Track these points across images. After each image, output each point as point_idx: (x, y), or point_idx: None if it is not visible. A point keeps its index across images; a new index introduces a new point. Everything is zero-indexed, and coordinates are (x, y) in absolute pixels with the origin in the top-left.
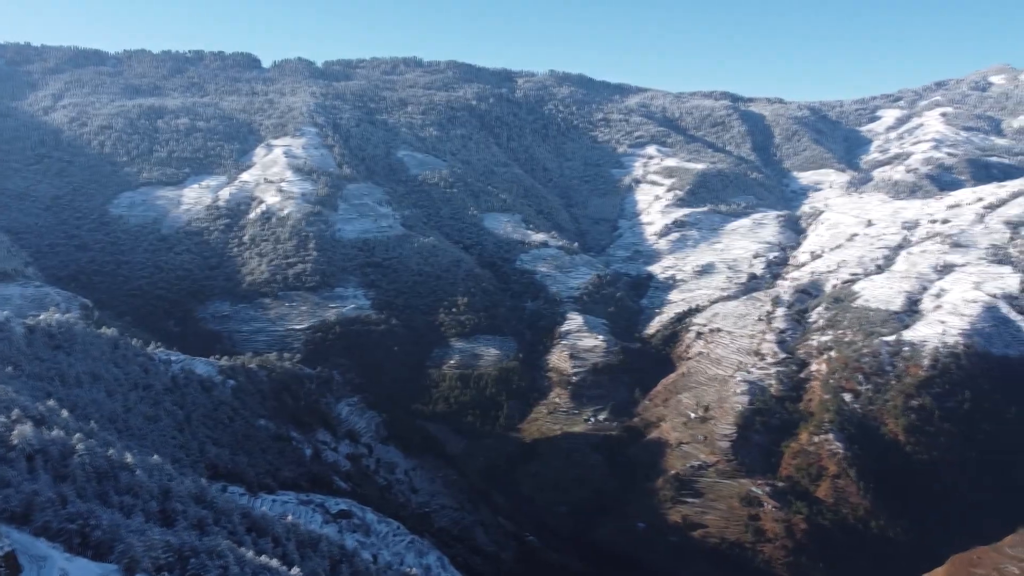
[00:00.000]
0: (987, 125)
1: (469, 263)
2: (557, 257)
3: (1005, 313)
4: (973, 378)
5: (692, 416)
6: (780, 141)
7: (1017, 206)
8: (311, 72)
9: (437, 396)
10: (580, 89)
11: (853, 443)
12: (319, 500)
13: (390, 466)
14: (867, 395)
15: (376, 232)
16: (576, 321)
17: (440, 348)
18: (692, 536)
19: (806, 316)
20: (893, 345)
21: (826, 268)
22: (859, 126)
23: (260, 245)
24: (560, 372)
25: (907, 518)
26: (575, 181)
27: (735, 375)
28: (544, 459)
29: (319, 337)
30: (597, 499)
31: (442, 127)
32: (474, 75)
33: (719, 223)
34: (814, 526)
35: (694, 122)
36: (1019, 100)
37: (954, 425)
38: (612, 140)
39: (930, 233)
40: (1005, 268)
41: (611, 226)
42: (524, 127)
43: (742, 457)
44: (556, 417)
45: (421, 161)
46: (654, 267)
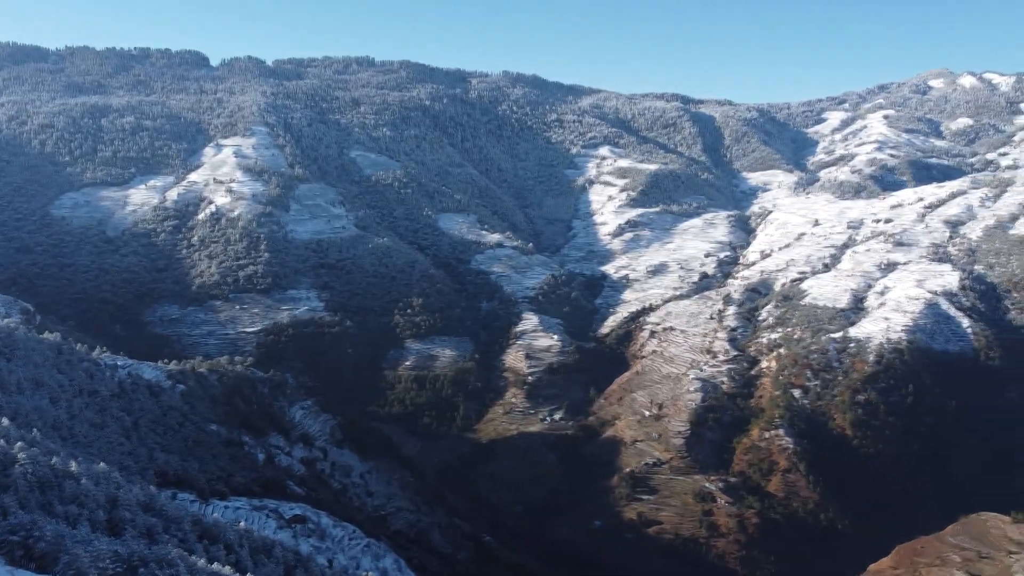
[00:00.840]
0: (927, 127)
1: (424, 264)
2: (512, 257)
3: (945, 310)
4: (916, 373)
5: (646, 414)
6: (730, 142)
7: (956, 206)
8: (261, 71)
9: (393, 398)
10: (534, 90)
11: (802, 438)
12: (273, 505)
13: (345, 469)
14: (815, 391)
15: (329, 233)
16: (531, 321)
17: (395, 349)
18: (647, 533)
19: (756, 314)
20: (840, 342)
21: (775, 267)
22: (806, 128)
23: (210, 247)
24: (516, 372)
25: (854, 510)
26: (529, 181)
27: (688, 373)
28: (500, 459)
29: (272, 340)
30: (553, 498)
31: (396, 127)
32: (428, 75)
33: (671, 223)
34: (766, 520)
35: (646, 123)
36: (957, 104)
37: (898, 419)
38: (566, 141)
39: (874, 232)
40: (945, 266)
41: (565, 226)
42: (478, 127)
43: (695, 454)
44: (512, 417)
45: (374, 161)
46: (608, 267)
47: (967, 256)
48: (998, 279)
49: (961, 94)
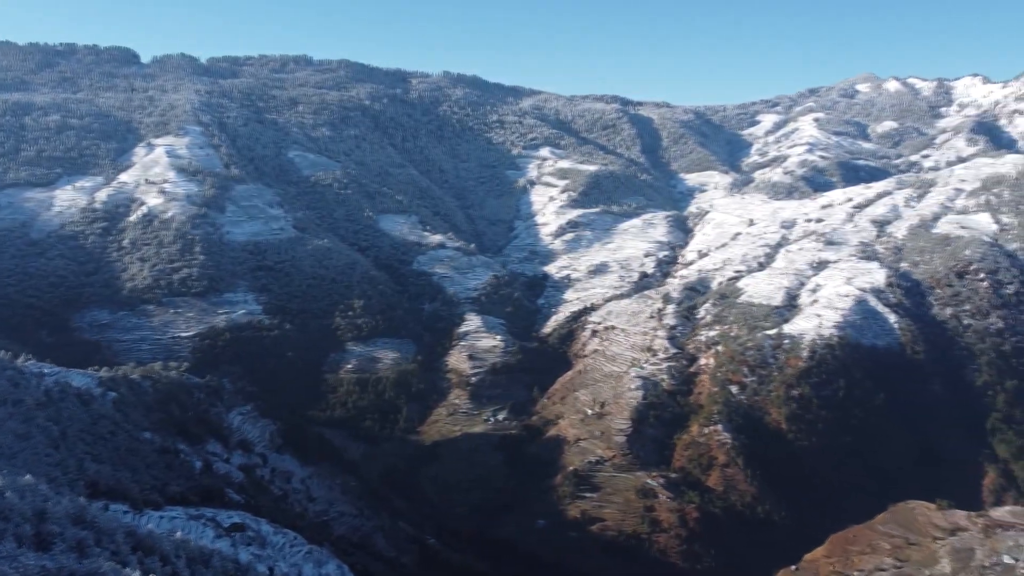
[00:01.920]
0: (855, 130)
1: (365, 265)
2: (454, 258)
3: (873, 306)
4: (847, 368)
5: (589, 413)
6: (668, 144)
7: (882, 206)
8: (195, 69)
9: (334, 401)
10: (474, 91)
11: (740, 433)
12: (210, 514)
13: (286, 475)
14: (752, 387)
15: (267, 234)
16: (474, 322)
17: (336, 352)
18: (591, 530)
19: (695, 312)
20: (775, 338)
21: (712, 266)
22: (740, 130)
23: (142, 249)
24: (459, 373)
25: (790, 502)
26: (471, 182)
27: (629, 371)
28: (444, 461)
29: (208, 344)
30: (498, 498)
31: (335, 127)
32: (367, 75)
33: (611, 223)
34: (705, 514)
35: (586, 125)
36: (882, 107)
37: (830, 412)
38: (507, 142)
39: (806, 232)
40: (873, 264)
41: (507, 227)
42: (419, 128)
43: (637, 451)
44: (456, 418)
45: (313, 162)
46: (550, 267)
47: (893, 254)
48: (922, 276)
49: (886, 98)
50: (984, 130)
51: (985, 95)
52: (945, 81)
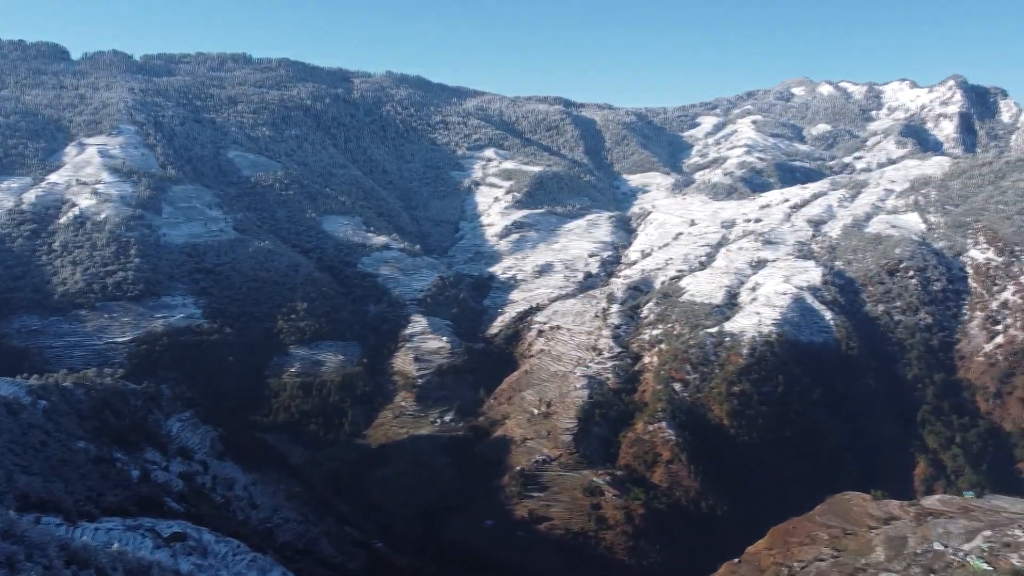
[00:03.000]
0: (791, 132)
1: (308, 267)
2: (399, 260)
3: (810, 303)
4: (785, 364)
5: (535, 412)
6: (611, 145)
7: (817, 206)
8: (128, 66)
9: (277, 406)
10: (418, 91)
11: (683, 429)
12: (149, 524)
13: (228, 482)
14: (695, 384)
15: (206, 236)
16: (420, 323)
17: (279, 356)
18: (539, 529)
19: (638, 311)
20: (716, 336)
21: (655, 265)
22: (681, 131)
23: (73, 252)
24: (405, 375)
25: (732, 496)
26: (415, 183)
27: (575, 370)
28: (391, 464)
29: (144, 350)
30: (445, 500)
31: (276, 127)
32: (308, 74)
33: (556, 224)
34: (651, 510)
35: (530, 126)
36: (816, 110)
37: (770, 408)
38: (451, 142)
39: (745, 231)
40: (809, 263)
41: (452, 228)
42: (362, 128)
43: (583, 449)
44: (402, 421)
45: (253, 162)
46: (495, 268)
47: (828, 253)
48: (855, 274)
49: (820, 101)
50: (912, 133)
51: (913, 99)
52: (875, 85)
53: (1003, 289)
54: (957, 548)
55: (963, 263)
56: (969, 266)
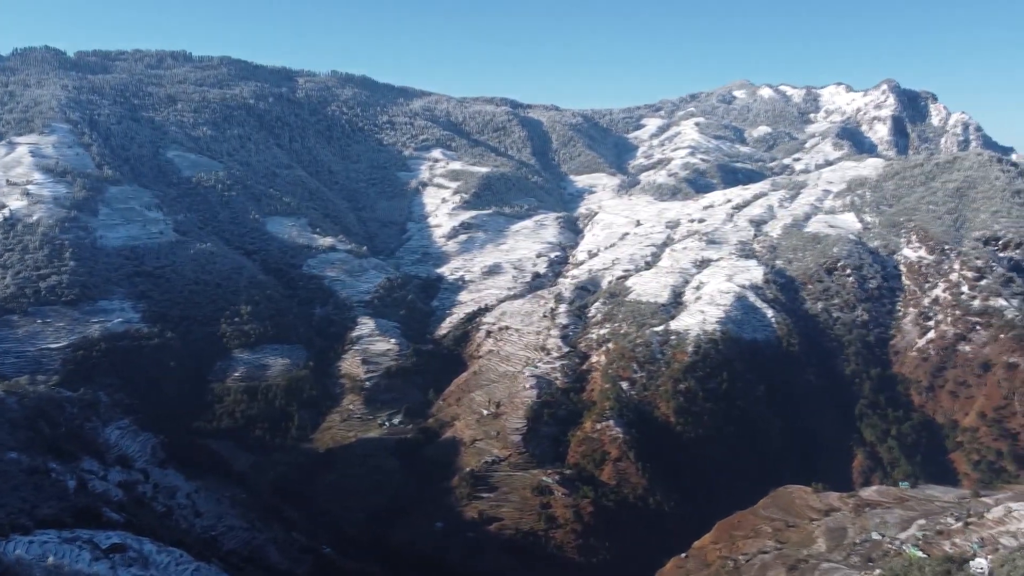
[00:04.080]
0: (733, 134)
1: (252, 269)
2: (346, 261)
3: (752, 302)
4: (729, 361)
5: (485, 413)
6: (557, 146)
7: (759, 207)
8: (61, 63)
9: (221, 411)
10: (364, 91)
11: (631, 427)
12: (87, 536)
13: (170, 491)
14: (641, 382)
15: (145, 239)
16: (368, 325)
17: (223, 360)
18: (489, 530)
19: (586, 311)
20: (662, 335)
21: (602, 265)
22: (627, 133)
23: (3, 256)
24: (353, 378)
25: (679, 492)
26: (362, 184)
27: (524, 371)
28: (339, 468)
29: (81, 356)
30: (395, 503)
31: (217, 126)
32: (251, 73)
33: (504, 225)
34: (600, 508)
35: (477, 127)
36: (757, 113)
37: (715, 404)
38: (398, 143)
39: (690, 231)
40: (751, 262)
41: (400, 229)
42: (307, 128)
43: (533, 449)
44: (350, 424)
45: (194, 162)
46: (443, 269)
47: (769, 252)
48: (795, 273)
49: (761, 104)
50: (848, 135)
51: (848, 102)
52: (813, 89)
53: (934, 286)
54: (894, 537)
55: (897, 261)
56: (902, 264)
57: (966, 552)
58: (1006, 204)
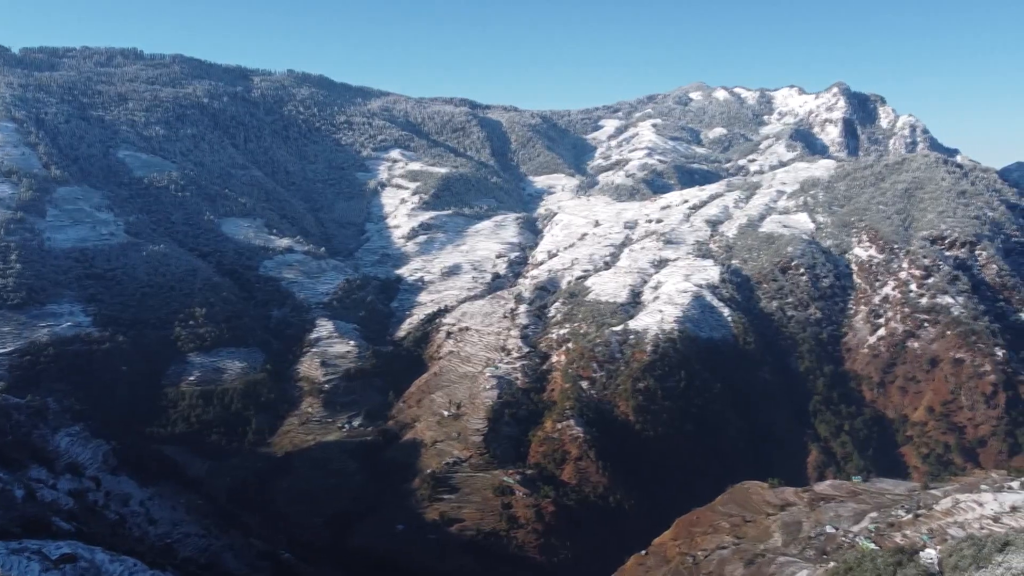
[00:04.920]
0: (689, 135)
1: (207, 271)
2: (304, 262)
3: (709, 301)
4: (687, 359)
5: (445, 414)
6: (516, 147)
7: (715, 207)
8: (5, 60)
9: (176, 416)
10: (321, 90)
11: (591, 426)
12: (35, 546)
13: (123, 498)
14: (601, 381)
15: (95, 240)
16: (326, 327)
17: (177, 364)
18: (450, 531)
19: (546, 311)
20: (621, 334)
21: (561, 266)
22: (585, 134)
23: None
24: (311, 381)
25: (639, 490)
26: (319, 184)
27: (484, 371)
28: (298, 472)
29: (28, 361)
30: (355, 506)
31: (170, 126)
32: (204, 71)
33: (463, 225)
34: (561, 507)
35: (436, 127)
36: (713, 114)
37: (673, 402)
38: (356, 143)
39: (647, 232)
40: (708, 261)
41: (358, 230)
42: (263, 128)
43: (494, 449)
44: (309, 427)
45: (146, 162)
46: (403, 270)
47: (725, 252)
48: (751, 272)
49: (716, 106)
50: (801, 137)
51: (801, 105)
52: (767, 91)
53: (884, 284)
54: (847, 530)
55: (848, 260)
56: (854, 263)
57: (916, 543)
58: (952, 204)
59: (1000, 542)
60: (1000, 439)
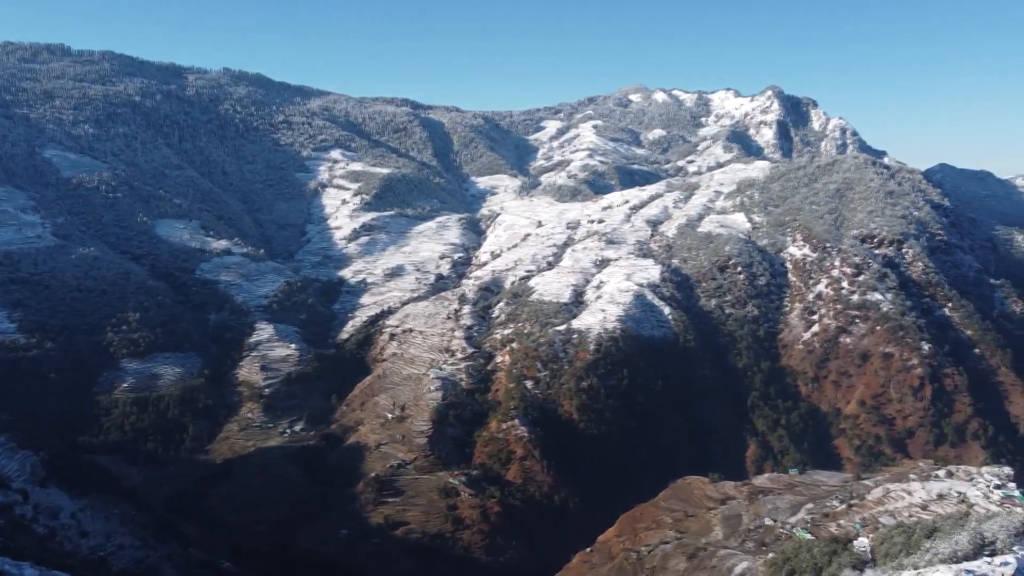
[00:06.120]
0: (629, 137)
1: (140, 275)
2: (242, 265)
3: (651, 300)
4: (629, 358)
5: (389, 417)
6: (459, 147)
7: (655, 207)
8: None
9: (109, 425)
10: (259, 89)
11: (536, 426)
12: None
13: (52, 511)
14: (545, 380)
15: (20, 243)
16: (266, 331)
17: (110, 371)
18: (395, 535)
19: (490, 312)
20: (564, 334)
21: (505, 266)
22: (527, 135)
23: None
24: (251, 385)
25: (584, 488)
26: (258, 185)
27: (428, 373)
28: (238, 478)
29: None
30: (298, 512)
31: (100, 124)
32: (136, 68)
33: (406, 226)
34: (507, 507)
35: (377, 127)
36: (652, 116)
37: (616, 400)
38: (295, 143)
39: (589, 232)
40: (648, 261)
41: (299, 231)
42: (198, 127)
43: (439, 451)
44: (249, 433)
45: (75, 162)
46: (345, 271)
47: (665, 251)
48: (690, 271)
49: (655, 108)
50: (737, 138)
51: (737, 107)
52: (704, 94)
53: (817, 282)
54: (785, 521)
55: (784, 259)
56: (789, 261)
57: (850, 532)
58: (880, 204)
59: (928, 529)
60: (927, 430)
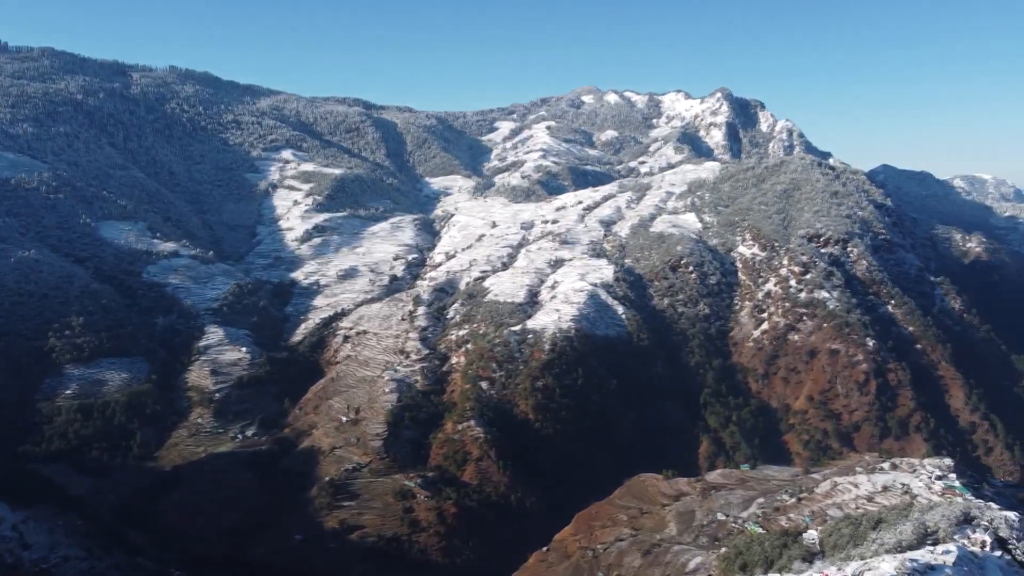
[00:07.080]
0: (582, 138)
1: (84, 278)
2: (191, 267)
3: (605, 299)
4: (584, 357)
5: (344, 420)
6: (412, 148)
7: (608, 208)
8: None
9: (52, 433)
10: (206, 88)
11: (492, 426)
12: None
13: None
14: (501, 381)
15: None
16: (216, 334)
17: (52, 377)
18: (351, 539)
19: (445, 313)
20: (520, 334)
21: (460, 267)
22: (481, 135)
23: None
24: (201, 390)
25: (540, 487)
26: (206, 185)
27: (383, 375)
28: (188, 485)
29: None
30: (250, 518)
31: (40, 123)
32: (78, 66)
33: (359, 227)
34: (463, 508)
35: (329, 127)
36: (604, 117)
37: (571, 400)
38: (245, 143)
39: (544, 232)
40: (602, 261)
41: (249, 232)
42: (144, 127)
43: (394, 453)
44: (199, 439)
45: (13, 162)
46: (297, 273)
47: (619, 251)
48: (643, 270)
49: (608, 109)
50: (688, 140)
51: (687, 109)
52: (655, 95)
53: (766, 281)
54: (737, 516)
55: (734, 258)
56: (739, 261)
57: (800, 525)
58: (826, 204)
59: (874, 520)
60: (872, 424)
